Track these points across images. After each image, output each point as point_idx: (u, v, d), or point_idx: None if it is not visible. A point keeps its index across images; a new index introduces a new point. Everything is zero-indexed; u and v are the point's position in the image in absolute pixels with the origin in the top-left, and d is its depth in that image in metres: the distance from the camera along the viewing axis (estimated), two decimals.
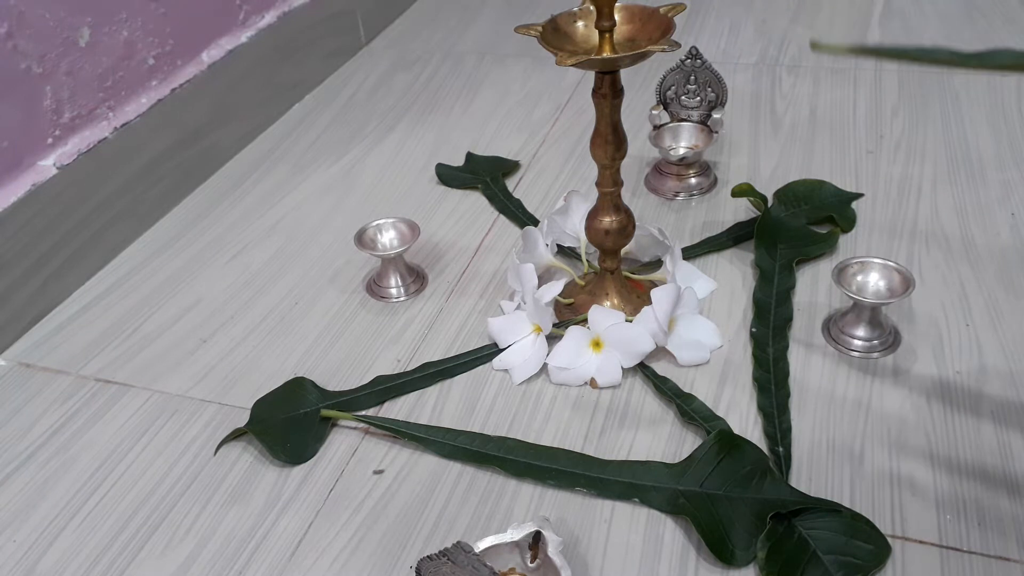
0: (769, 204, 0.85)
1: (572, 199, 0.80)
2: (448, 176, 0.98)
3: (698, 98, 0.91)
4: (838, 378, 0.69)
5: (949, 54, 0.38)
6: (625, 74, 0.66)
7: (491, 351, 0.73)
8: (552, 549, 0.53)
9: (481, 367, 0.73)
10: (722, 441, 0.62)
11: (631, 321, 0.71)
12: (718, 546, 0.56)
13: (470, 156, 1.01)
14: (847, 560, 0.54)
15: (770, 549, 0.55)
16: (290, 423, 0.68)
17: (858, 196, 0.88)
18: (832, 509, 0.57)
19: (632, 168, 0.95)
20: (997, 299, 0.74)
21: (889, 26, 1.23)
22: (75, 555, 0.60)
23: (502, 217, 0.91)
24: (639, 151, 0.96)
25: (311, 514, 0.62)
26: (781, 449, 0.63)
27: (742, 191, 0.84)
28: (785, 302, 0.75)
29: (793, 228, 0.83)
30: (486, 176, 0.96)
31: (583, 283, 0.78)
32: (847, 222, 0.84)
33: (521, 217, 0.90)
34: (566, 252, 0.83)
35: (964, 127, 0.99)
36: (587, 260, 0.80)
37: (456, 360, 0.73)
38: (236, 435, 0.68)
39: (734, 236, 0.84)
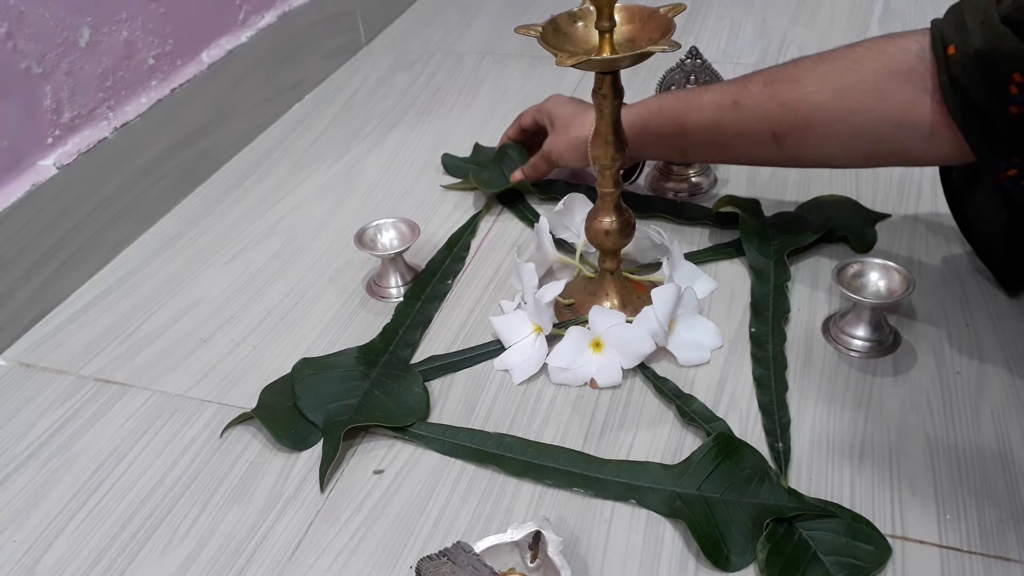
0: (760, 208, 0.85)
1: (573, 200, 0.81)
2: (453, 166, 0.99)
3: None
4: (838, 378, 0.69)
5: None
6: (625, 74, 0.66)
7: (495, 348, 0.74)
8: (552, 549, 0.53)
9: (481, 365, 0.73)
10: (720, 444, 0.62)
11: (631, 322, 0.71)
12: (713, 551, 0.56)
13: (478, 147, 1.01)
14: (848, 561, 0.54)
15: (770, 551, 0.55)
16: (295, 410, 0.68)
17: (884, 217, 0.85)
18: (830, 514, 0.57)
19: None
20: (997, 299, 0.74)
21: (889, 26, 1.23)
22: (75, 555, 0.60)
23: (502, 217, 0.91)
24: None
25: (311, 514, 0.62)
26: (781, 445, 0.63)
27: (724, 204, 0.84)
28: (782, 296, 0.75)
29: (780, 220, 0.83)
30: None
31: (591, 275, 0.78)
32: (863, 244, 0.81)
33: (522, 210, 0.90)
34: (568, 248, 0.83)
35: None
36: (581, 263, 0.80)
37: (460, 355, 0.73)
38: (242, 419, 0.68)
39: (734, 245, 0.83)
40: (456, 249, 0.86)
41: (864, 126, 0.67)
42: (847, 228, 0.82)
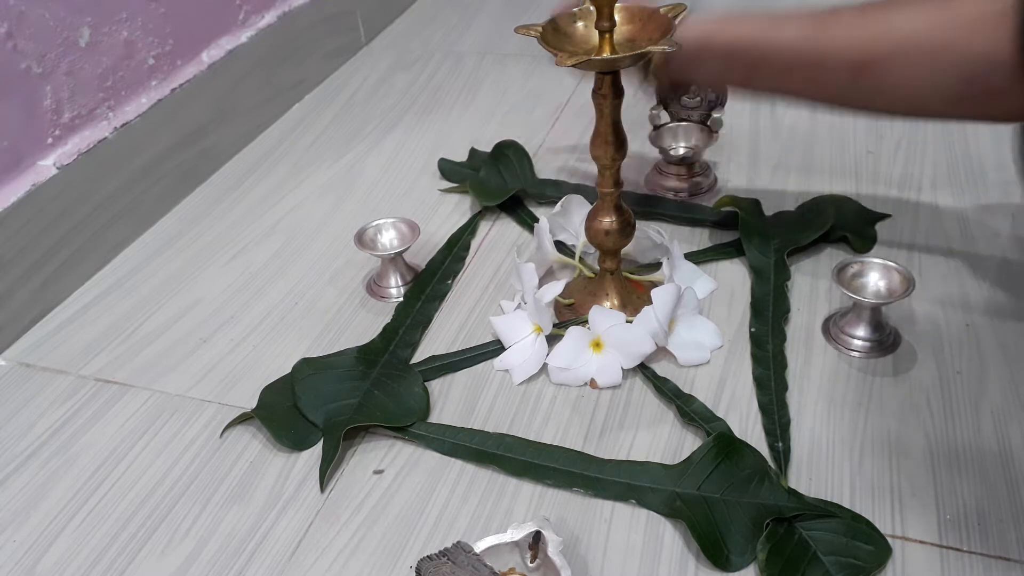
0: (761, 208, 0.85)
1: (571, 202, 0.81)
2: (450, 171, 0.98)
3: (698, 98, 0.91)
4: (838, 378, 0.69)
5: None
6: (625, 74, 0.66)
7: (495, 348, 0.74)
8: (552, 549, 0.53)
9: (481, 365, 0.73)
10: (720, 444, 0.62)
11: (631, 322, 0.71)
12: (713, 551, 0.56)
13: (473, 152, 1.01)
14: (848, 561, 0.54)
15: (770, 551, 0.55)
16: (295, 410, 0.68)
17: (884, 217, 0.85)
18: (830, 514, 0.57)
19: (632, 168, 0.95)
20: (997, 299, 0.74)
21: None
22: (75, 555, 0.60)
23: (502, 217, 0.91)
24: (639, 151, 0.96)
25: (311, 514, 0.62)
26: (781, 444, 0.63)
27: (724, 203, 0.84)
28: (781, 296, 0.75)
29: (780, 220, 0.83)
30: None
31: (591, 275, 0.78)
32: (864, 243, 0.81)
33: (521, 215, 0.90)
34: (567, 250, 0.83)
35: (964, 127, 0.99)
36: (581, 263, 0.80)
37: (460, 355, 0.73)
38: (242, 419, 0.68)
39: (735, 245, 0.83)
40: (456, 249, 0.86)
41: (956, 62, 0.65)
42: (847, 228, 0.82)
